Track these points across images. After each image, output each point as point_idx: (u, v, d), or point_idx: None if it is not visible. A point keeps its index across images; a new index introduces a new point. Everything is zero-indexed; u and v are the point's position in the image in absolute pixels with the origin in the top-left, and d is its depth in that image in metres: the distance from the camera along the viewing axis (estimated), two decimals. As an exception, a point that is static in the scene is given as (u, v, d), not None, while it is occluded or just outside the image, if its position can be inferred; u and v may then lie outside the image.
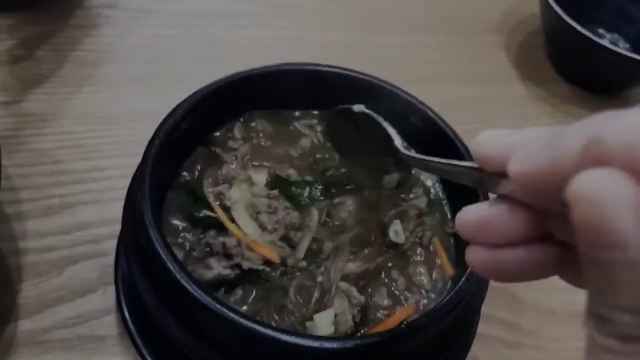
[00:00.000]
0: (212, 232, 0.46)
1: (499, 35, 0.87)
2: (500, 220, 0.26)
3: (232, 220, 0.46)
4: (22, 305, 0.50)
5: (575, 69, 0.81)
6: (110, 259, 0.52)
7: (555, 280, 0.29)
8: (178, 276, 0.38)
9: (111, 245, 0.53)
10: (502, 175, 0.25)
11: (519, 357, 0.54)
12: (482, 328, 0.53)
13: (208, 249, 0.45)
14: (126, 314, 0.48)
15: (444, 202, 0.53)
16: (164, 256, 0.39)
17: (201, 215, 0.46)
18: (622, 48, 0.81)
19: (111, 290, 0.51)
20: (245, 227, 0.45)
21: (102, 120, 0.65)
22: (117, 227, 0.50)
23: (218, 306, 0.37)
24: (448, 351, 0.43)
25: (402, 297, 0.46)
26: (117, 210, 0.48)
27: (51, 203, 0.57)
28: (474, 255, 0.27)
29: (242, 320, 0.37)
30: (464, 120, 0.60)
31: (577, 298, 0.58)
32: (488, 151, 0.26)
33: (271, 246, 0.45)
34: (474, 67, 0.82)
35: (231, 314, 0.37)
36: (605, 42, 0.73)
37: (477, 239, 0.26)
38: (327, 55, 0.58)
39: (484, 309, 0.54)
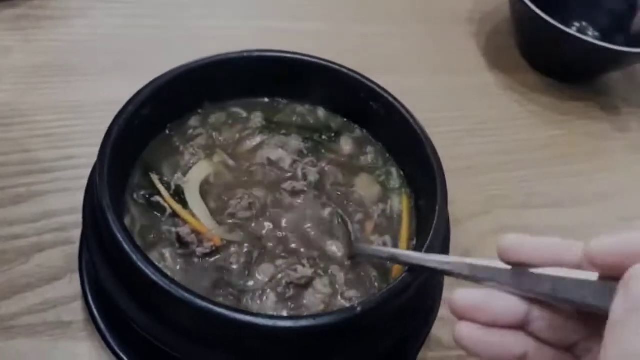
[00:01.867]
0: (166, 218, 0.47)
1: (468, 24, 0.88)
2: (492, 306, 0.31)
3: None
4: (-11, 291, 0.50)
5: (544, 57, 0.82)
6: (76, 246, 0.52)
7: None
8: (134, 257, 0.39)
9: (77, 233, 0.54)
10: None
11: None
12: (446, 311, 0.54)
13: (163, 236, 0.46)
14: (90, 299, 0.48)
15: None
16: (120, 238, 0.39)
17: (153, 200, 0.47)
18: (590, 36, 0.82)
19: (77, 277, 0.51)
20: (193, 207, 0.47)
21: (71, 110, 0.65)
22: (83, 216, 0.51)
23: (173, 286, 0.38)
24: (405, 331, 0.44)
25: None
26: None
27: (19, 192, 0.57)
28: (462, 329, 0.31)
29: (196, 300, 0.38)
30: (433, 108, 0.61)
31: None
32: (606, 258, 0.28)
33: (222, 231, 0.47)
34: (442, 56, 0.83)
35: (186, 294, 0.38)
36: (572, 31, 0.74)
37: (467, 317, 0.31)
38: (297, 44, 0.58)
39: (449, 293, 0.54)
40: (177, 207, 0.48)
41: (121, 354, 0.45)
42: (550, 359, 0.31)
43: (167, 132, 0.53)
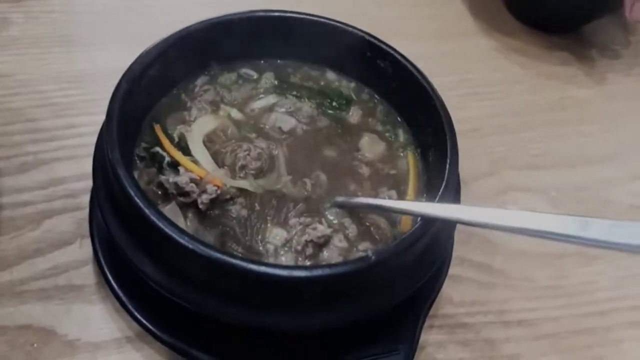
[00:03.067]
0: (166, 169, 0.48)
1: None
2: None
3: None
4: (0, 257, 0.50)
5: (534, 11, 0.82)
6: (86, 212, 0.52)
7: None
8: (147, 211, 0.39)
9: (86, 199, 0.54)
10: None
11: (492, 296, 0.55)
12: (455, 270, 0.55)
13: (160, 191, 0.47)
14: (102, 260, 0.48)
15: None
16: (131, 192, 0.39)
17: (153, 151, 0.48)
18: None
19: (87, 242, 0.51)
20: (196, 154, 0.47)
21: (74, 79, 0.65)
22: (91, 182, 0.50)
23: (187, 238, 0.38)
24: (418, 282, 0.44)
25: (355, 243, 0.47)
26: (91, 165, 0.49)
27: (26, 160, 0.57)
28: None
29: (212, 251, 0.38)
30: (436, 73, 0.60)
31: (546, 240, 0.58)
32: None
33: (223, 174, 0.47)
34: (437, 21, 0.83)
35: (201, 246, 0.38)
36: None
37: None
38: (302, 9, 0.58)
39: (457, 252, 0.55)
40: (177, 154, 0.47)
41: (135, 313, 0.46)
42: None
43: (175, 91, 0.53)
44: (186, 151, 0.48)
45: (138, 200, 0.39)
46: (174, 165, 0.47)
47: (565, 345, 0.53)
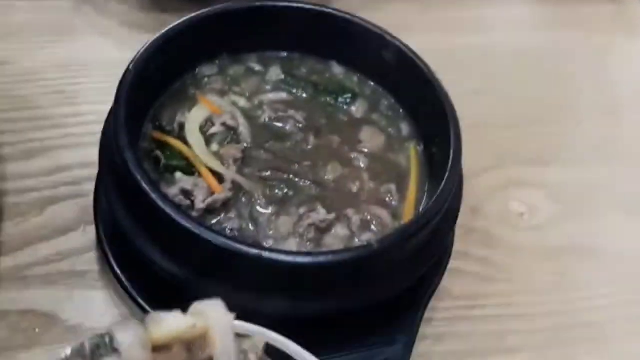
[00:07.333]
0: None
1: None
2: None
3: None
4: (3, 242, 0.51)
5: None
6: (90, 199, 0.53)
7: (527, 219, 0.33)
8: (154, 196, 0.39)
9: (90, 186, 0.54)
10: None
11: (491, 290, 0.56)
12: (455, 264, 0.54)
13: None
14: (106, 247, 0.48)
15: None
16: (139, 177, 0.40)
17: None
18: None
19: (91, 229, 0.51)
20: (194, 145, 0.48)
21: (81, 67, 0.65)
22: (96, 170, 0.51)
23: (194, 224, 0.38)
24: (418, 273, 0.45)
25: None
26: (96, 153, 0.49)
27: (32, 147, 0.58)
28: None
29: (219, 237, 0.38)
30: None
31: (548, 235, 0.59)
32: None
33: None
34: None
35: (208, 232, 0.38)
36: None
37: None
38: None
39: (458, 246, 0.55)
40: (196, 161, 0.48)
41: (138, 298, 0.46)
42: None
43: (183, 83, 0.53)
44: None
45: (145, 185, 0.40)
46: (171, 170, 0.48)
47: (564, 339, 0.54)
